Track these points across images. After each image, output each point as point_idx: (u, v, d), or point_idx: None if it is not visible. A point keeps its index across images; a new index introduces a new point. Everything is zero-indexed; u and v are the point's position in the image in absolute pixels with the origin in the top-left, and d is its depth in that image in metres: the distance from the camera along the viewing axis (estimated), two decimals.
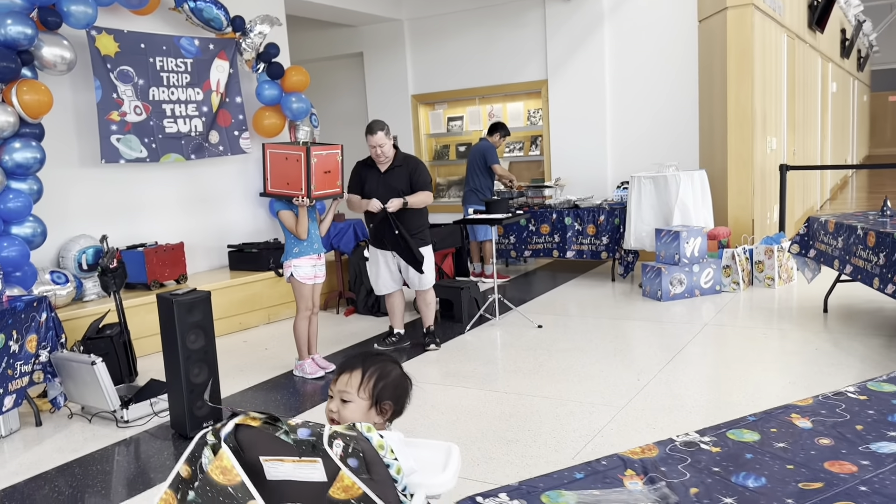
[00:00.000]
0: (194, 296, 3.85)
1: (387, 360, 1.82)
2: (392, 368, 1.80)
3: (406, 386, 1.82)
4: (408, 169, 5.10)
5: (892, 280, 4.54)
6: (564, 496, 1.54)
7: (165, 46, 6.04)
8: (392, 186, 5.06)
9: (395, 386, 1.78)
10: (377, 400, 1.75)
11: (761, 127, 7.28)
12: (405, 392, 1.82)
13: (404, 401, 1.82)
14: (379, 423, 1.77)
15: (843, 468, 1.59)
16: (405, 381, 1.82)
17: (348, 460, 1.31)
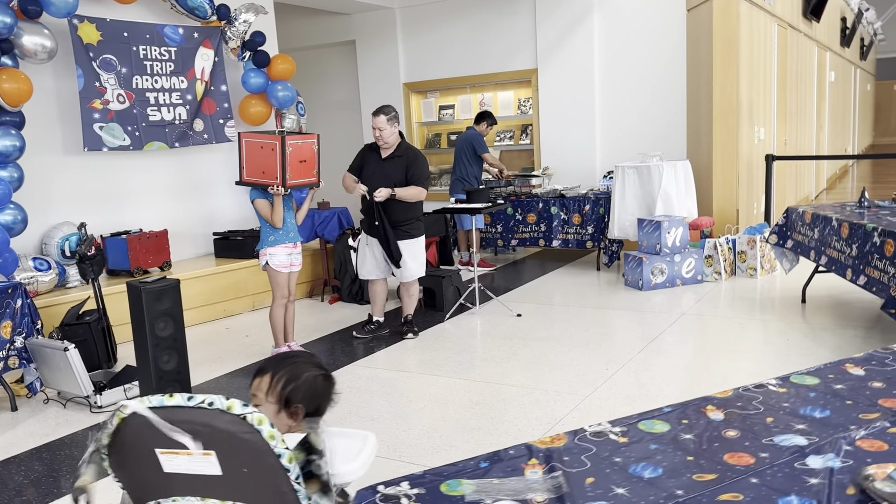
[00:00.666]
0: (163, 284, 3.90)
1: (300, 363, 1.80)
2: (304, 370, 1.78)
3: (320, 387, 1.79)
4: (406, 160, 5.09)
5: (864, 271, 4.55)
6: (464, 485, 1.57)
7: (149, 35, 6.07)
8: (387, 175, 5.07)
9: (306, 388, 1.75)
10: (286, 403, 1.74)
11: (748, 117, 7.25)
12: (321, 393, 1.79)
13: (321, 402, 1.79)
14: (292, 425, 1.74)
15: (740, 460, 1.62)
16: (321, 382, 1.79)
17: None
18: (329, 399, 1.80)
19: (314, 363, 1.81)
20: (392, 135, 5.06)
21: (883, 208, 5.24)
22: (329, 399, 1.80)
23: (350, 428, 2.02)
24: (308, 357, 1.86)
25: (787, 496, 1.45)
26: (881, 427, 1.74)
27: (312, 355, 1.89)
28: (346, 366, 4.82)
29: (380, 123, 5.02)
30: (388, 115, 5.04)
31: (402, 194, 5.03)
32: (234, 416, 1.34)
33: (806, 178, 10.71)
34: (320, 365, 1.82)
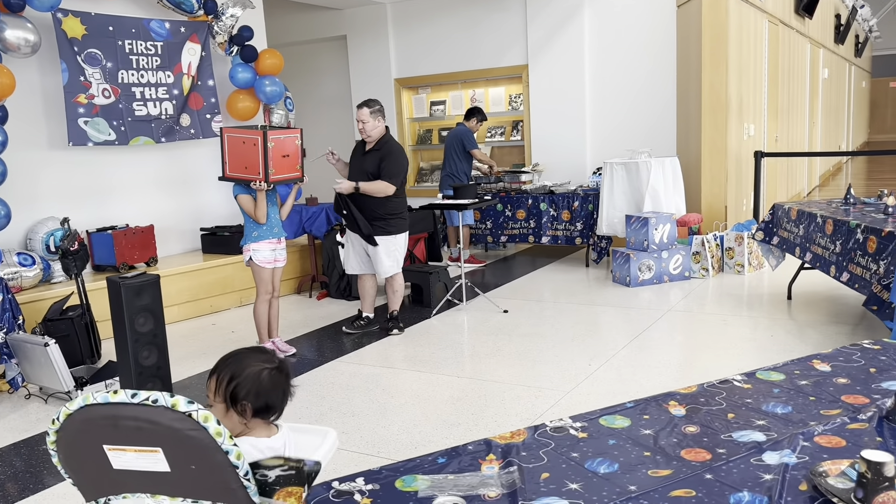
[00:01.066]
0: (143, 279, 3.89)
1: (245, 358, 1.74)
2: (248, 366, 1.71)
3: (266, 381, 1.71)
4: (379, 154, 5.11)
5: (847, 268, 4.55)
6: (419, 480, 1.57)
7: (135, 29, 6.04)
8: (362, 168, 5.11)
9: (250, 383, 1.69)
10: (233, 401, 1.69)
11: (737, 113, 7.24)
12: (267, 388, 1.70)
13: (270, 397, 1.71)
14: (244, 424, 1.70)
15: (697, 456, 1.61)
16: (267, 376, 1.71)
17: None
18: (279, 393, 1.73)
19: (262, 358, 1.75)
20: (375, 128, 5.05)
21: (868, 205, 5.24)
22: (279, 393, 1.73)
23: (324, 426, 1.99)
24: (257, 352, 1.79)
25: (740, 492, 1.45)
26: (840, 423, 1.74)
27: (262, 349, 1.82)
28: (330, 361, 4.82)
29: (362, 116, 5.05)
30: (372, 108, 5.05)
31: (366, 188, 5.01)
32: (180, 413, 1.34)
33: (798, 175, 10.71)
34: (270, 359, 1.76)
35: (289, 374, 1.77)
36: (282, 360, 1.79)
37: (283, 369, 1.77)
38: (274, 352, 1.85)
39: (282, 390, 1.74)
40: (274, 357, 1.78)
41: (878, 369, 2.10)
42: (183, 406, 1.34)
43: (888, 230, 4.15)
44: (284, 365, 1.78)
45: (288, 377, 1.77)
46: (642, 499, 1.44)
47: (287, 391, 1.76)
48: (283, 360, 1.81)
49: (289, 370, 1.79)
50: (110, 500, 1.47)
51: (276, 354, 1.82)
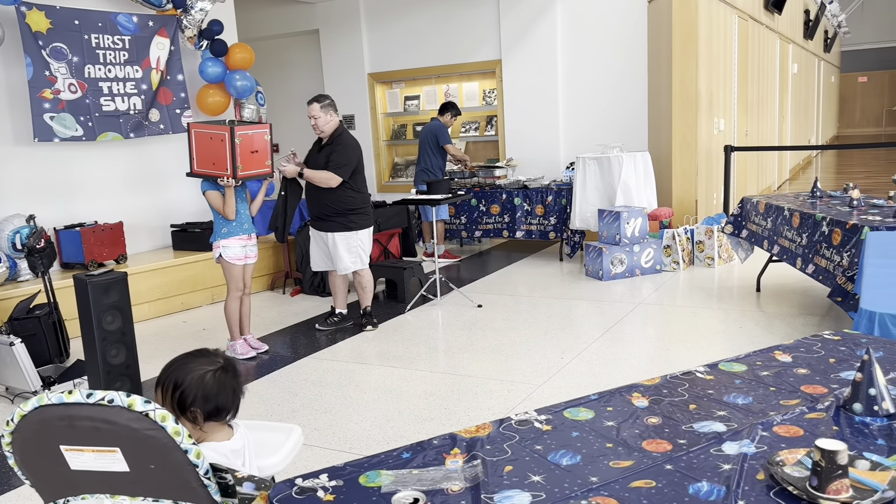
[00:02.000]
0: (110, 277, 3.84)
1: (187, 363, 1.68)
2: (190, 371, 1.66)
3: (213, 384, 1.65)
4: (330, 147, 5.08)
5: (813, 260, 4.62)
6: (382, 475, 1.57)
7: (101, 23, 5.95)
8: (317, 164, 5.09)
9: (195, 388, 1.64)
10: (181, 409, 1.65)
11: (707, 108, 7.32)
12: (214, 390, 1.65)
13: (218, 399, 1.66)
14: (200, 430, 1.67)
15: (658, 447, 1.63)
16: (212, 378, 1.66)
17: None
18: (228, 393, 1.68)
19: (204, 361, 1.69)
20: (327, 123, 5.03)
21: (834, 198, 5.32)
22: (228, 393, 1.68)
23: (295, 423, 1.98)
24: (198, 355, 1.72)
25: (699, 482, 1.47)
26: (799, 413, 1.77)
27: (205, 352, 1.74)
28: (303, 358, 4.80)
29: (314, 112, 5.02)
30: (322, 102, 5.03)
31: (309, 174, 5.00)
32: (136, 413, 1.32)
33: (768, 169, 10.85)
34: (213, 360, 1.70)
35: (236, 372, 1.72)
36: (227, 359, 1.73)
37: (229, 368, 1.71)
38: (218, 351, 1.77)
39: (231, 389, 1.68)
40: (218, 357, 1.72)
41: (838, 360, 2.14)
42: (140, 406, 1.33)
43: (852, 223, 4.22)
44: (230, 364, 1.72)
45: (236, 375, 1.71)
46: (603, 490, 1.46)
47: (237, 390, 1.70)
48: (229, 358, 1.74)
49: (235, 368, 1.73)
50: (69, 501, 1.46)
51: (221, 354, 1.75)
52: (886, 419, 1.71)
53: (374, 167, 9.64)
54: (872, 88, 25.24)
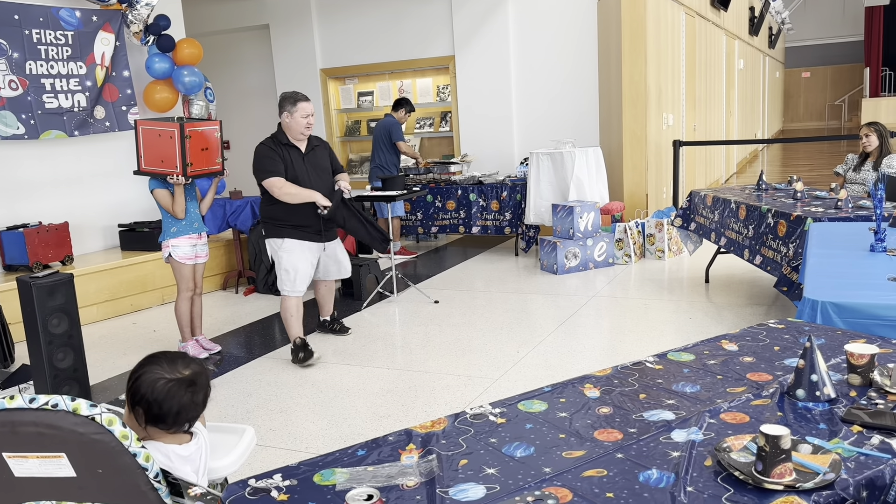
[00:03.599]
0: (55, 278, 3.74)
1: (156, 362, 1.66)
2: (151, 371, 1.63)
3: (162, 392, 1.61)
4: (326, 149, 4.73)
5: (760, 251, 4.75)
6: (337, 473, 1.56)
7: (42, 18, 5.77)
8: (322, 168, 4.60)
9: (145, 389, 1.61)
10: (133, 405, 1.63)
11: (656, 104, 7.45)
12: (160, 399, 1.61)
13: (165, 408, 1.62)
14: (138, 427, 1.63)
15: (609, 436, 1.66)
16: (163, 387, 1.62)
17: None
18: (174, 406, 1.63)
19: (168, 368, 1.66)
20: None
21: (779, 190, 5.48)
22: (174, 406, 1.63)
23: (248, 424, 1.96)
24: (172, 359, 1.69)
25: (649, 469, 1.50)
26: (745, 400, 1.82)
27: (183, 360, 1.71)
28: (257, 358, 4.75)
29: (312, 109, 4.50)
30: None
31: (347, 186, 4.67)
32: (82, 417, 1.29)
33: (716, 163, 11.11)
34: (177, 370, 1.66)
35: (195, 390, 1.66)
36: (193, 375, 1.67)
37: (188, 383, 1.65)
38: (194, 362, 1.71)
39: (177, 404, 1.62)
40: (184, 369, 1.67)
41: (782, 347, 2.21)
42: (85, 410, 1.30)
43: (796, 214, 4.35)
44: (194, 380, 1.66)
45: (194, 393, 1.65)
46: (556, 480, 1.47)
47: (186, 408, 1.64)
48: (197, 375, 1.68)
49: (197, 385, 1.67)
50: None
51: (194, 366, 1.69)
52: (828, 404, 1.77)
53: None
54: (815, 83, 26.04)
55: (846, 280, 2.81)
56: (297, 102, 4.43)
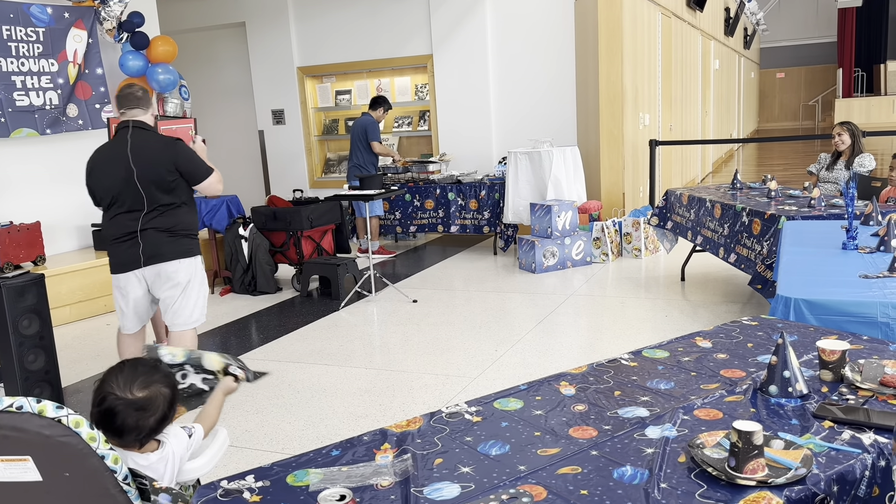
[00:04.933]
0: (26, 279, 3.67)
1: (110, 374, 1.63)
2: (104, 380, 1.62)
3: (109, 407, 1.57)
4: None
5: (735, 249, 4.80)
6: (311, 474, 1.55)
7: (13, 14, 5.67)
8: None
9: (96, 401, 1.60)
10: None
11: (633, 103, 7.50)
12: (108, 413, 1.57)
13: (112, 422, 1.57)
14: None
15: (584, 433, 1.66)
16: (113, 401, 1.58)
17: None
18: (117, 424, 1.58)
19: (120, 384, 1.61)
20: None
21: (753, 189, 5.53)
22: (117, 424, 1.58)
23: (222, 425, 1.93)
24: (135, 373, 1.64)
25: (623, 466, 1.50)
26: (719, 396, 1.83)
27: (152, 375, 1.67)
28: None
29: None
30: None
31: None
32: (48, 419, 1.27)
33: (692, 162, 11.20)
34: (130, 390, 1.61)
35: (142, 416, 1.59)
36: (142, 399, 1.60)
37: (136, 406, 1.59)
38: (156, 384, 1.64)
39: (122, 423, 1.57)
40: (138, 391, 1.60)
41: (755, 344, 2.23)
42: (51, 412, 1.27)
43: (770, 213, 4.40)
44: (141, 403, 1.59)
45: (140, 418, 1.59)
46: (530, 478, 1.47)
47: (131, 430, 1.58)
48: (146, 399, 1.61)
49: (148, 411, 1.60)
50: None
51: (151, 391, 1.62)
52: (800, 400, 1.79)
53: (305, 163, 9.52)
54: (790, 84, 26.39)
55: (819, 277, 2.85)
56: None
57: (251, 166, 9.96)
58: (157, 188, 3.50)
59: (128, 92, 3.60)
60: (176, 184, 3.54)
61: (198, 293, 3.72)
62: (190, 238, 3.65)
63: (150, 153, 3.50)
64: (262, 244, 6.37)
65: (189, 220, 3.65)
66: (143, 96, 3.61)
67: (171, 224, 3.56)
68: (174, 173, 3.52)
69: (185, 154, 3.58)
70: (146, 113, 3.62)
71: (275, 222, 6.40)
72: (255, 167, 9.94)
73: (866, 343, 2.17)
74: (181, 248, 3.59)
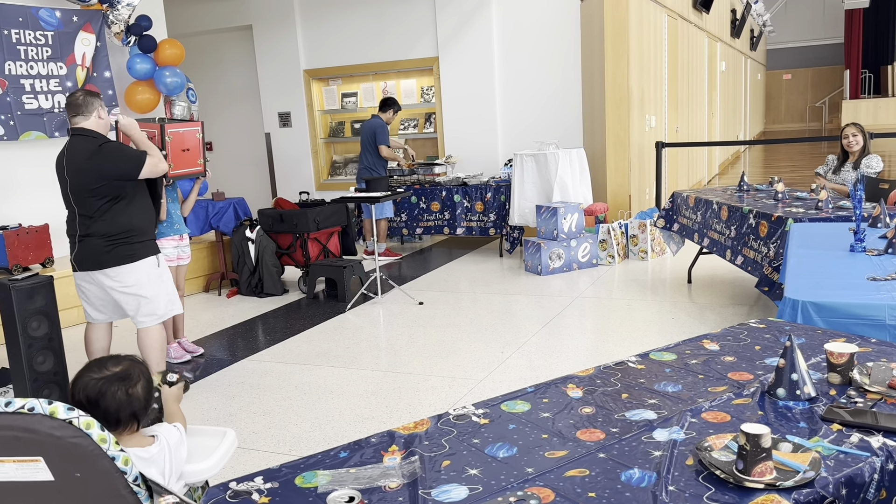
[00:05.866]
0: (35, 281, 3.69)
1: (81, 371, 1.72)
2: (78, 377, 1.71)
3: (96, 390, 1.67)
4: None
5: (742, 252, 4.79)
6: (319, 476, 1.56)
7: (22, 18, 5.71)
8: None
9: (81, 395, 1.68)
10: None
11: (639, 105, 7.49)
12: (97, 396, 1.67)
13: (104, 404, 1.66)
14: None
15: (592, 436, 1.67)
16: (95, 384, 1.68)
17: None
18: (110, 402, 1.67)
19: (98, 368, 1.73)
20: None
21: (760, 191, 5.52)
22: (110, 402, 1.67)
23: (230, 427, 1.95)
24: (94, 363, 1.76)
25: (630, 469, 1.51)
26: (726, 399, 1.83)
27: (113, 359, 1.78)
28: (240, 360, 4.72)
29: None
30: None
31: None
32: (59, 420, 1.28)
33: (698, 164, 11.18)
34: (111, 368, 1.73)
35: (129, 384, 1.70)
36: (121, 371, 1.72)
37: (117, 378, 1.70)
38: (126, 360, 1.77)
39: (114, 401, 1.66)
40: (113, 367, 1.72)
41: (763, 347, 2.23)
42: (62, 413, 1.28)
43: (777, 215, 4.39)
44: (120, 374, 1.71)
45: (128, 386, 1.70)
46: (538, 480, 1.48)
47: (125, 403, 1.68)
48: (124, 370, 1.73)
49: (130, 379, 1.72)
50: None
51: (123, 364, 1.75)
52: (808, 403, 1.79)
53: (312, 165, 9.54)
54: (796, 85, 26.32)
55: (826, 280, 2.84)
56: (99, 96, 3.82)
57: (258, 169, 10.00)
58: (89, 195, 3.59)
59: (70, 100, 3.68)
60: (108, 188, 3.59)
61: (152, 292, 3.79)
62: (128, 244, 3.69)
63: (79, 161, 3.59)
64: (268, 246, 6.39)
65: (128, 223, 3.67)
66: (83, 102, 3.64)
67: (107, 230, 3.65)
68: (102, 180, 3.57)
69: (110, 157, 3.58)
70: (87, 118, 3.65)
71: (281, 224, 6.42)
72: (262, 170, 9.97)
73: (875, 346, 2.17)
74: (119, 255, 3.67)
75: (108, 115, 3.78)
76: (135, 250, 3.70)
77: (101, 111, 3.70)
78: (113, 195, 3.61)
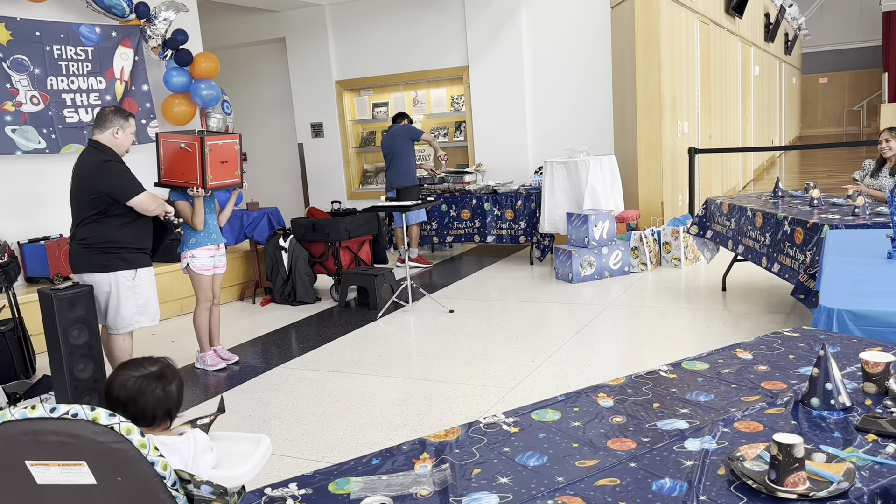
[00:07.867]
0: (76, 290, 3.79)
1: (119, 370, 1.82)
2: (116, 376, 1.81)
3: (135, 388, 1.77)
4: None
5: (777, 259, 4.72)
6: (352, 482, 1.58)
7: (63, 34, 5.88)
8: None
9: (120, 391, 1.78)
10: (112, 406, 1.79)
11: (671, 111, 7.44)
12: (136, 394, 1.77)
13: (142, 401, 1.77)
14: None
15: (622, 445, 1.67)
16: (134, 382, 1.78)
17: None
18: (152, 400, 1.79)
19: (136, 367, 1.83)
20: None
21: (795, 198, 5.44)
22: (152, 400, 1.79)
23: (266, 433, 1.99)
24: (138, 363, 1.85)
25: (662, 479, 1.50)
26: (759, 409, 1.82)
27: (147, 359, 1.87)
28: (274, 368, 4.78)
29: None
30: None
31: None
32: (101, 426, 1.32)
33: (733, 170, 11.05)
34: (149, 367, 1.84)
35: (165, 382, 1.81)
36: (158, 370, 1.82)
37: (155, 377, 1.80)
38: (160, 360, 1.87)
39: (152, 398, 1.77)
40: (150, 366, 1.82)
41: (797, 356, 2.20)
42: (104, 419, 1.33)
43: (813, 222, 4.33)
44: (157, 373, 1.81)
45: (165, 384, 1.80)
46: (569, 489, 1.48)
47: (162, 400, 1.79)
48: (161, 369, 1.83)
49: (167, 378, 1.82)
50: None
51: (159, 364, 1.85)
52: (842, 413, 1.77)
53: (343, 174, 9.64)
54: (833, 89, 25.83)
55: (863, 288, 2.79)
56: (129, 118, 4.04)
57: (291, 179, 10.13)
58: (82, 203, 3.88)
59: (98, 112, 4.02)
60: (99, 201, 3.85)
61: (123, 304, 4.01)
62: (104, 253, 3.91)
63: (82, 171, 3.89)
64: (301, 255, 6.47)
65: (110, 235, 3.91)
66: (104, 116, 3.94)
67: (87, 236, 3.90)
68: (95, 192, 3.84)
69: (108, 174, 3.85)
70: (103, 133, 3.94)
71: (314, 233, 6.50)
72: (295, 179, 10.11)
73: None
74: (93, 261, 3.91)
75: (128, 138, 4.03)
76: (109, 260, 3.92)
77: (120, 131, 3.95)
78: (102, 209, 3.87)
